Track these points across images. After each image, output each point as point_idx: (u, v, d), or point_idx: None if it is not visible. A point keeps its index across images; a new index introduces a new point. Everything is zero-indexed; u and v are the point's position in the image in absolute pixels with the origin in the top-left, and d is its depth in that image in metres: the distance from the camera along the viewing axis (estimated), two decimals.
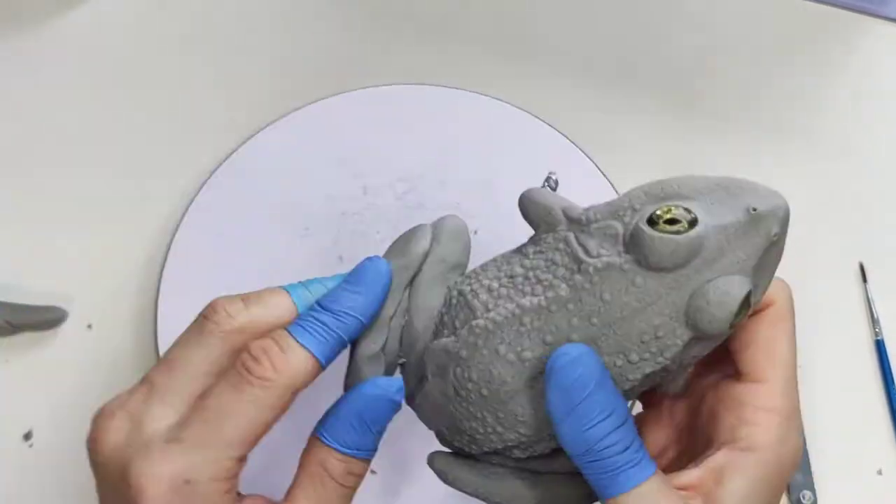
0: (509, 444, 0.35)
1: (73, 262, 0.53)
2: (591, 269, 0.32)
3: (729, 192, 0.33)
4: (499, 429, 0.35)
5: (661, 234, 0.31)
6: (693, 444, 0.36)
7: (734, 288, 0.31)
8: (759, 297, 0.33)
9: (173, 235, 0.52)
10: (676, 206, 0.32)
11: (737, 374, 0.35)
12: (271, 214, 0.53)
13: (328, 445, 0.34)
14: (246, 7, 0.65)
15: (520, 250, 0.36)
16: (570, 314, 0.33)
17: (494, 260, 0.36)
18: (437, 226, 0.38)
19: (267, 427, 0.33)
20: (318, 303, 0.35)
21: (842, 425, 0.49)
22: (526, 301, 0.33)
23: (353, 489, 0.35)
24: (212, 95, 0.60)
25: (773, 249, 0.33)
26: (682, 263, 0.31)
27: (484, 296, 0.35)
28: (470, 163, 0.55)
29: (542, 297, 0.33)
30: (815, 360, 0.51)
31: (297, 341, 0.34)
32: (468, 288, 0.36)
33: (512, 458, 0.37)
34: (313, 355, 0.33)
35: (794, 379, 0.34)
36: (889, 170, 0.58)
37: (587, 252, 0.33)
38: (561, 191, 0.52)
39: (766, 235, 0.32)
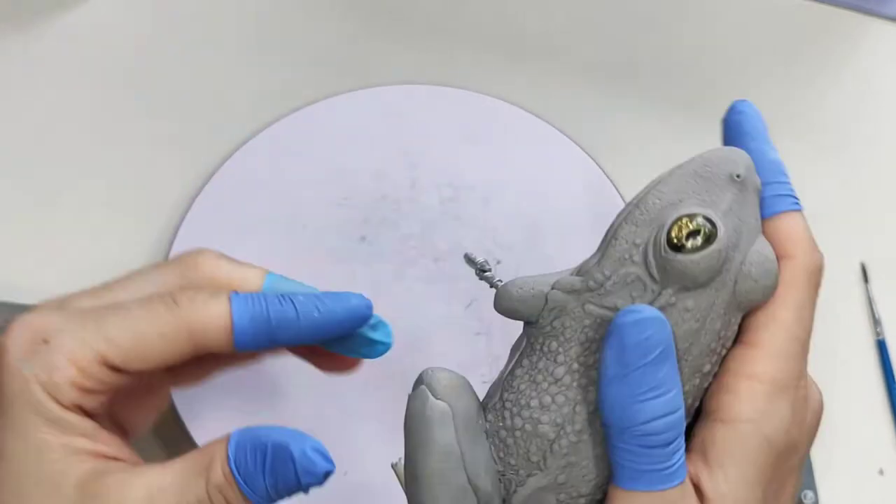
0: None
1: (73, 261, 0.53)
2: None
3: (704, 176, 0.32)
4: None
5: (697, 256, 0.30)
6: None
7: (766, 252, 0.32)
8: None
9: (174, 236, 0.52)
10: (682, 219, 0.31)
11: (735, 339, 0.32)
12: (274, 214, 0.53)
13: (227, 455, 0.31)
14: (247, 8, 0.64)
15: (539, 353, 0.32)
16: None
17: (513, 377, 0.33)
18: (432, 389, 0.32)
19: (149, 353, 0.31)
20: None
21: (843, 425, 0.49)
22: (591, 394, 0.31)
23: None
24: (211, 96, 0.60)
25: (758, 197, 0.33)
26: (721, 268, 0.30)
27: (545, 416, 0.32)
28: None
29: None
30: (815, 360, 0.51)
31: (228, 297, 0.32)
32: (519, 421, 0.32)
33: None
34: (231, 315, 0.32)
35: (794, 347, 0.31)
36: (890, 169, 0.58)
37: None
38: (566, 194, 0.52)
39: (756, 191, 0.33)
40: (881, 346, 0.51)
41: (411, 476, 0.32)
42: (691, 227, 0.30)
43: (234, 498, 0.31)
